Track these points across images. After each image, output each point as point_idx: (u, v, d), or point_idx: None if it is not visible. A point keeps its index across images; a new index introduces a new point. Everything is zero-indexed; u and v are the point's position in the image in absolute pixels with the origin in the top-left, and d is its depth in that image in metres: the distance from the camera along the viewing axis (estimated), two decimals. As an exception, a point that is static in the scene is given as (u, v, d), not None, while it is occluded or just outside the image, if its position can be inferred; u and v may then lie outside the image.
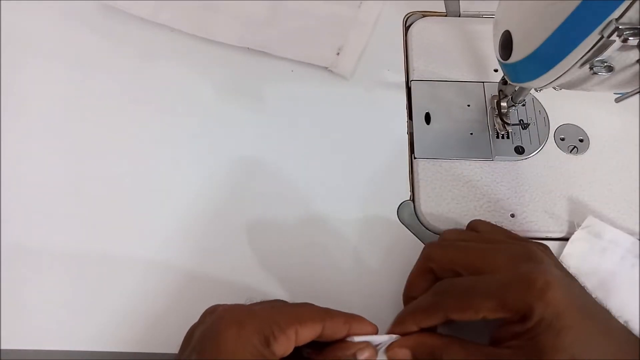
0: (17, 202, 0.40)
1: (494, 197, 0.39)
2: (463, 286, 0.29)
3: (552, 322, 0.25)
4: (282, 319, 0.27)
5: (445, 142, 0.41)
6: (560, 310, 0.25)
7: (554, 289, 0.26)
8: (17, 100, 0.44)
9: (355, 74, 0.45)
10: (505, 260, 0.29)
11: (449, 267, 0.30)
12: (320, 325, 0.28)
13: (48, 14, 0.47)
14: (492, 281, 0.28)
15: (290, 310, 0.29)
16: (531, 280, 0.26)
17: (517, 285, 0.26)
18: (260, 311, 0.28)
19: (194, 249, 0.38)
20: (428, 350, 0.28)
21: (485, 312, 0.27)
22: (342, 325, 0.28)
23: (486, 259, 0.29)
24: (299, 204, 0.39)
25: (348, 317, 0.29)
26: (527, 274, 0.27)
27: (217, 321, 0.27)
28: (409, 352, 0.28)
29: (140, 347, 0.35)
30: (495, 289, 0.27)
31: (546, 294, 0.26)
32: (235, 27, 0.46)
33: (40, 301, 0.36)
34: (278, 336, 0.26)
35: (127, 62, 0.45)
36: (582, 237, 0.36)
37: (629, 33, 0.23)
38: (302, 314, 0.28)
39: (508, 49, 0.30)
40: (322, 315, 0.28)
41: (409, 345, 0.29)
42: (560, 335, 0.25)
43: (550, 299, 0.25)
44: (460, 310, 0.27)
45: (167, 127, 0.43)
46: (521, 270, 0.27)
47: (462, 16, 0.48)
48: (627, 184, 0.39)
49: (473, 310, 0.27)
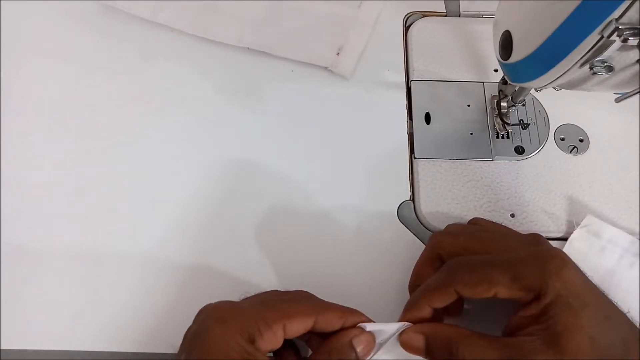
0: (17, 202, 0.40)
1: (494, 197, 0.39)
2: (477, 261, 0.28)
3: (569, 299, 0.25)
4: (269, 315, 0.27)
5: (445, 142, 0.41)
6: (577, 289, 0.25)
7: (570, 268, 0.26)
8: (18, 100, 0.44)
9: (355, 74, 0.45)
10: (518, 243, 0.29)
11: (459, 253, 0.30)
12: (311, 319, 0.27)
13: (48, 13, 0.47)
14: (507, 257, 0.27)
15: (279, 305, 0.28)
16: (548, 257, 0.26)
17: (534, 261, 0.26)
18: (247, 308, 0.28)
19: (194, 248, 0.38)
20: (444, 340, 0.27)
21: (499, 286, 0.26)
22: (337, 319, 0.28)
23: (498, 244, 0.29)
24: (298, 203, 0.39)
25: (343, 310, 0.29)
26: (543, 252, 0.27)
27: (203, 320, 0.27)
28: (423, 338, 0.28)
29: (140, 347, 0.35)
30: (511, 263, 0.27)
31: (563, 272, 0.25)
32: (235, 27, 0.46)
33: (40, 301, 0.36)
34: (264, 332, 0.26)
35: (127, 61, 0.45)
36: (580, 236, 0.36)
37: (629, 33, 0.23)
38: (291, 309, 0.28)
39: (508, 49, 0.30)
40: (314, 309, 0.28)
41: (425, 332, 0.28)
42: (578, 314, 0.24)
43: (567, 276, 0.25)
44: (473, 285, 0.27)
45: (167, 126, 0.43)
46: (537, 249, 0.27)
47: (462, 16, 0.48)
48: (627, 184, 0.39)
49: (486, 285, 0.26)
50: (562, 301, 0.25)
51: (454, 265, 0.29)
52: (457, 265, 0.28)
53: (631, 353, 0.25)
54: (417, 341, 0.28)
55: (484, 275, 0.27)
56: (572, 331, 0.24)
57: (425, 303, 0.29)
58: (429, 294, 0.29)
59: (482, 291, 0.26)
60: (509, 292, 0.26)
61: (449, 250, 0.31)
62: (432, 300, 0.28)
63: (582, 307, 0.25)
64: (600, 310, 0.25)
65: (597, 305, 0.25)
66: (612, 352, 0.24)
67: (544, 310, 0.25)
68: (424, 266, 0.32)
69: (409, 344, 0.28)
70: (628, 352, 0.25)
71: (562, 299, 0.25)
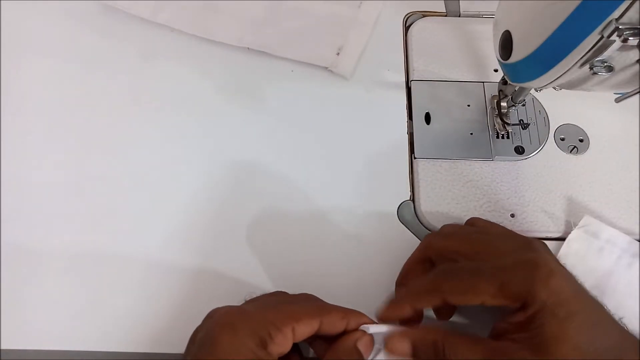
0: (17, 202, 0.40)
1: (494, 197, 0.39)
2: (464, 268, 0.28)
3: (555, 310, 0.25)
4: (278, 319, 0.27)
5: (445, 142, 0.41)
6: (563, 299, 0.25)
7: (557, 277, 0.26)
8: (18, 100, 0.44)
9: (355, 74, 0.45)
10: (508, 248, 0.29)
11: (449, 256, 0.30)
12: (317, 321, 0.27)
13: (48, 13, 0.47)
14: (494, 265, 0.27)
15: (287, 308, 0.28)
16: (535, 265, 0.26)
17: (521, 270, 0.26)
18: (256, 313, 0.28)
19: (194, 247, 0.38)
20: (430, 344, 0.27)
21: (485, 295, 0.26)
22: (340, 321, 0.28)
23: (488, 247, 0.29)
24: (298, 204, 0.39)
25: (346, 312, 0.29)
26: (530, 260, 0.26)
27: (212, 327, 0.27)
28: (409, 343, 0.28)
29: (140, 347, 0.35)
30: (497, 272, 0.27)
31: (550, 281, 0.25)
32: (235, 27, 0.46)
33: (40, 301, 0.36)
34: (275, 335, 0.26)
35: (127, 61, 0.45)
36: (578, 236, 0.36)
37: (629, 33, 0.23)
38: (298, 312, 0.28)
39: (508, 49, 0.30)
40: (319, 311, 0.28)
41: (410, 337, 0.28)
42: (563, 324, 0.24)
43: (554, 286, 0.25)
44: (460, 293, 0.27)
45: (167, 126, 0.43)
46: (525, 256, 0.27)
47: (462, 16, 0.48)
48: (627, 184, 0.39)
49: (473, 293, 0.26)
50: (548, 311, 0.25)
51: (442, 273, 0.29)
52: (444, 273, 0.29)
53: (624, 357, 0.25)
54: (403, 347, 0.28)
55: (470, 284, 0.27)
56: (558, 341, 0.24)
57: (409, 305, 0.29)
58: (414, 297, 0.29)
59: (469, 299, 0.27)
60: (496, 301, 0.26)
61: (439, 252, 0.31)
62: (417, 303, 0.29)
63: (569, 316, 0.25)
64: (588, 318, 0.25)
65: (585, 313, 0.25)
66: (603, 358, 0.24)
67: (529, 319, 0.25)
68: (413, 265, 0.32)
69: (395, 350, 0.28)
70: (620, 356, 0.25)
71: (547, 309, 0.25)
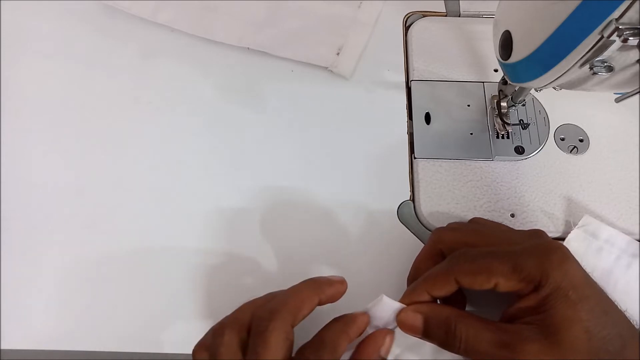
0: (17, 202, 0.40)
1: (494, 197, 0.39)
2: (478, 251, 0.28)
3: (569, 292, 0.25)
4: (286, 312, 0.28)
5: (445, 142, 0.41)
6: (577, 283, 0.25)
7: (571, 261, 0.26)
8: (18, 99, 0.44)
9: (355, 74, 0.45)
10: (520, 237, 0.29)
11: (460, 249, 0.30)
12: (316, 299, 0.29)
13: (48, 13, 0.47)
14: (508, 249, 0.27)
15: (288, 300, 0.29)
16: (549, 249, 0.26)
17: (534, 253, 0.26)
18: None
19: (193, 247, 0.38)
20: (442, 319, 0.27)
21: (499, 276, 0.26)
22: (338, 287, 0.30)
23: (500, 237, 0.29)
24: (298, 204, 0.40)
25: (325, 280, 0.30)
26: (545, 244, 0.27)
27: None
28: (421, 317, 0.28)
29: (140, 347, 0.35)
30: (511, 254, 0.27)
31: (564, 264, 0.25)
32: (235, 27, 0.46)
33: (40, 301, 0.36)
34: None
35: (127, 61, 0.45)
36: (578, 236, 0.36)
37: (629, 33, 0.23)
38: (298, 302, 0.29)
39: (508, 49, 0.30)
40: (315, 291, 0.29)
41: (423, 311, 0.28)
42: (576, 306, 0.25)
43: (568, 269, 0.25)
44: (473, 274, 0.27)
45: (167, 126, 0.43)
46: (538, 241, 0.27)
47: (462, 16, 0.48)
48: (627, 184, 0.39)
49: (486, 274, 0.26)
50: (561, 293, 0.25)
51: (456, 255, 0.29)
52: (458, 255, 0.29)
53: (627, 348, 0.25)
54: (415, 320, 0.28)
55: (484, 264, 0.27)
56: (570, 323, 0.24)
57: (425, 290, 0.29)
58: (429, 281, 0.29)
59: (482, 281, 0.27)
60: (509, 283, 0.26)
61: (450, 244, 0.31)
62: (432, 287, 0.28)
63: (581, 300, 0.25)
64: (598, 305, 0.25)
65: (595, 300, 0.25)
66: (608, 346, 0.24)
67: (542, 302, 0.25)
68: (424, 260, 0.32)
69: (406, 323, 0.28)
70: (624, 347, 0.25)
71: (561, 291, 0.25)
